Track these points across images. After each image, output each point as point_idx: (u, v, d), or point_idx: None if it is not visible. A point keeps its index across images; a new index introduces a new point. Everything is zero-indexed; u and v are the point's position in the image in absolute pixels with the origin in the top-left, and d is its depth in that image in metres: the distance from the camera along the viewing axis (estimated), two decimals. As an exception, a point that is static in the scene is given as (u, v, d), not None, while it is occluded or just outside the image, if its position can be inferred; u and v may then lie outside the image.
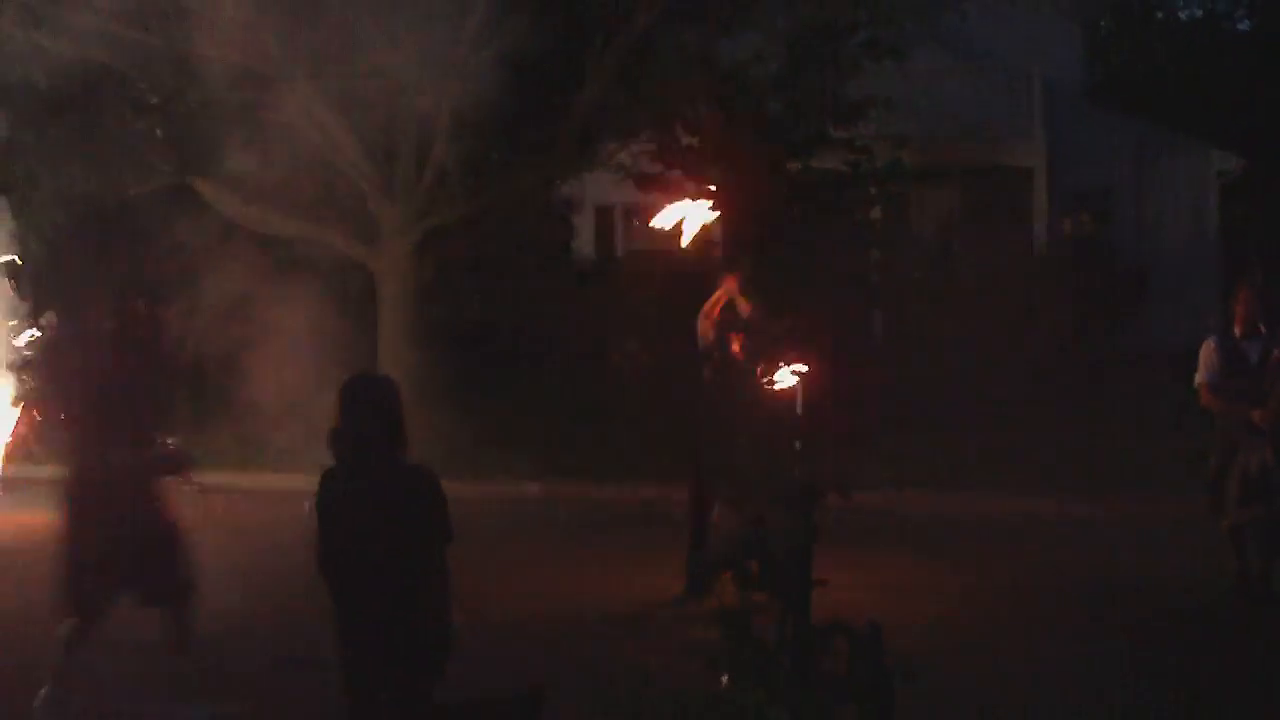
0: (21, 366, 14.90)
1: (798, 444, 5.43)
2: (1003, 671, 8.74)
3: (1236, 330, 10.59)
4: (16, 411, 14.78)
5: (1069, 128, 24.15)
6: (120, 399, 8.11)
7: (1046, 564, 11.96)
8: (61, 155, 16.86)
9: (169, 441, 8.65)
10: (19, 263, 17.09)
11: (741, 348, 10.29)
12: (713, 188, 14.43)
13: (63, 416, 9.07)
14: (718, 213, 9.15)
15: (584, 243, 23.98)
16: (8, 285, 18.28)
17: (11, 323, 15.88)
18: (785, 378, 7.70)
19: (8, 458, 14.94)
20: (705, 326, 10.68)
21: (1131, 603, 10.48)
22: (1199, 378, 10.63)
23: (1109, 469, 14.84)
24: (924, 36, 18.63)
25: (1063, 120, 24.12)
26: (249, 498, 15.65)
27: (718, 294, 10.78)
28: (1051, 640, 9.49)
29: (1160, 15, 35.85)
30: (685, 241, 9.67)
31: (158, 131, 16.93)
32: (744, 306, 10.63)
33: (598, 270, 22.49)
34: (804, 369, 5.91)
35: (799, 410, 5.58)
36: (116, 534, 7.81)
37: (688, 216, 9.29)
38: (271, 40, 15.89)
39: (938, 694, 7.51)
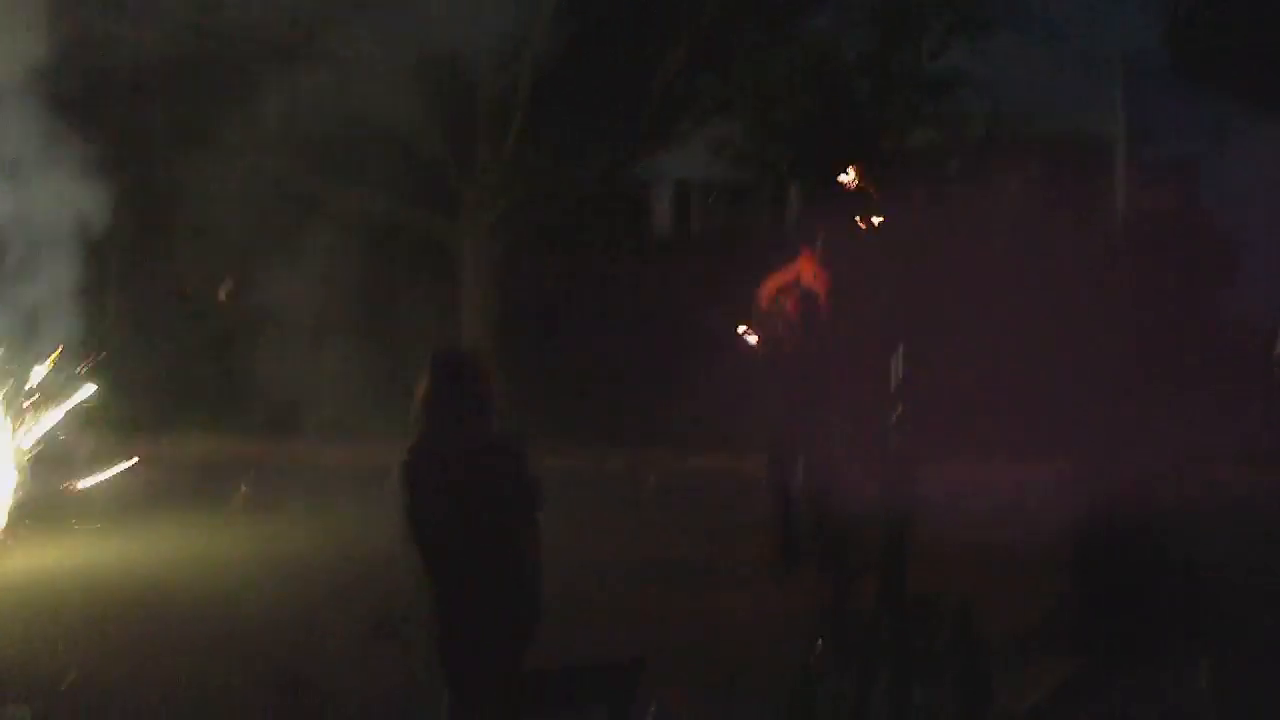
0: None
1: (895, 415, 5.42)
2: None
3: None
4: None
5: (1150, 101, 23.86)
6: None
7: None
8: (146, 144, 17.07)
9: None
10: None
11: (799, 312, 10.34)
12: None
13: None
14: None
15: (662, 219, 24.00)
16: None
17: None
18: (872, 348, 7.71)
19: None
20: (766, 304, 10.74)
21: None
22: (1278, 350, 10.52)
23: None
24: (1004, 11, 18.49)
25: (1144, 94, 23.84)
26: (339, 471, 15.83)
27: (787, 271, 10.81)
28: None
29: (1244, -14, 35.27)
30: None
31: (239, 113, 17.06)
32: (816, 283, 10.61)
33: (677, 245, 22.51)
34: (896, 339, 5.94)
35: (896, 380, 5.58)
36: None
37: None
38: (351, 18, 16.01)
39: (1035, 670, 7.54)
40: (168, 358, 18.88)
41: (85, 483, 13.25)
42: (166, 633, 9.52)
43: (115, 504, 13.89)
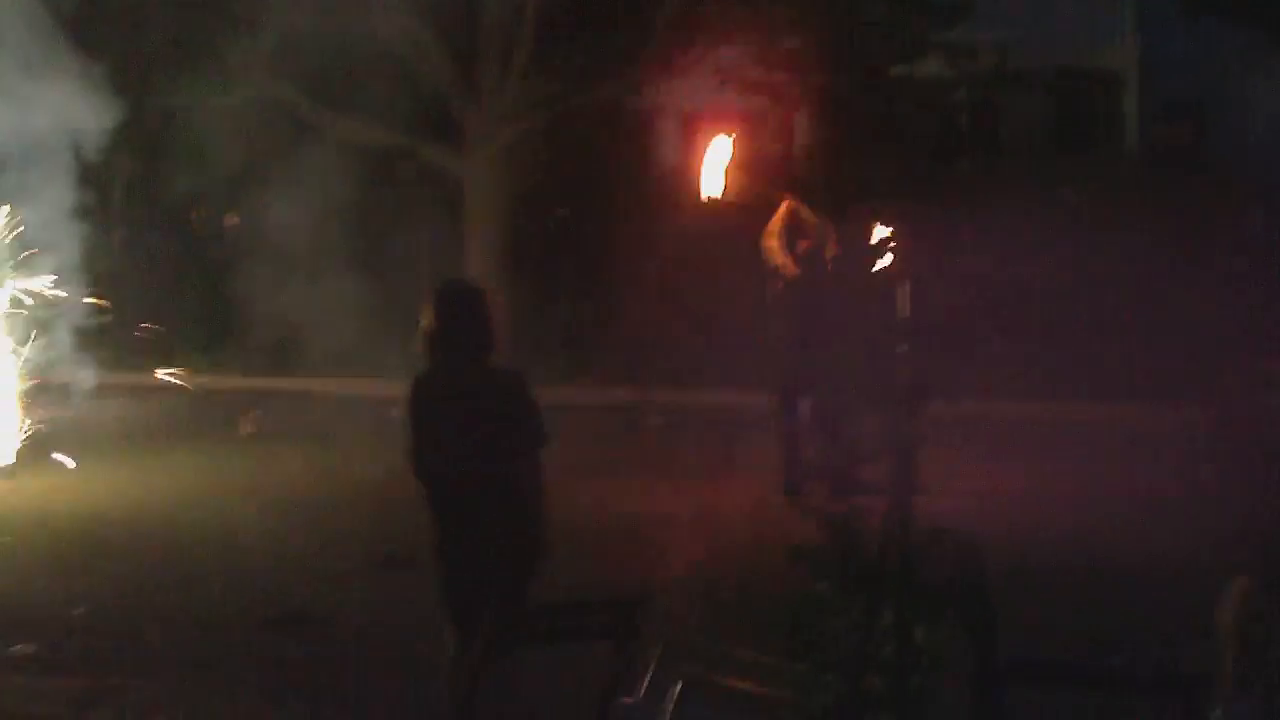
0: None
1: (903, 347, 5.34)
2: (1105, 579, 8.69)
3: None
4: None
5: (1164, 34, 23.60)
6: None
7: (1146, 471, 11.77)
8: (152, 67, 16.92)
9: None
10: None
11: (806, 251, 10.35)
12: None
13: None
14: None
15: (670, 150, 23.81)
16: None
17: None
18: (884, 280, 7.67)
19: None
20: (771, 245, 10.73)
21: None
22: None
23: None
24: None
25: (1157, 27, 23.58)
26: (340, 403, 15.81)
27: (780, 211, 10.79)
28: (1158, 550, 9.40)
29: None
30: (706, 192, 9.78)
31: (246, 41, 16.92)
32: (808, 216, 10.63)
33: (683, 176, 22.34)
34: (903, 270, 5.84)
35: (904, 313, 5.50)
36: None
37: (708, 161, 9.42)
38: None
39: (1039, 602, 7.52)
40: (167, 287, 18.81)
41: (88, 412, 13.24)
42: (171, 567, 9.51)
43: (119, 436, 13.90)
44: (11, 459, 12.43)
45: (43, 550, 10.06)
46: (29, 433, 12.65)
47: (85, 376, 13.26)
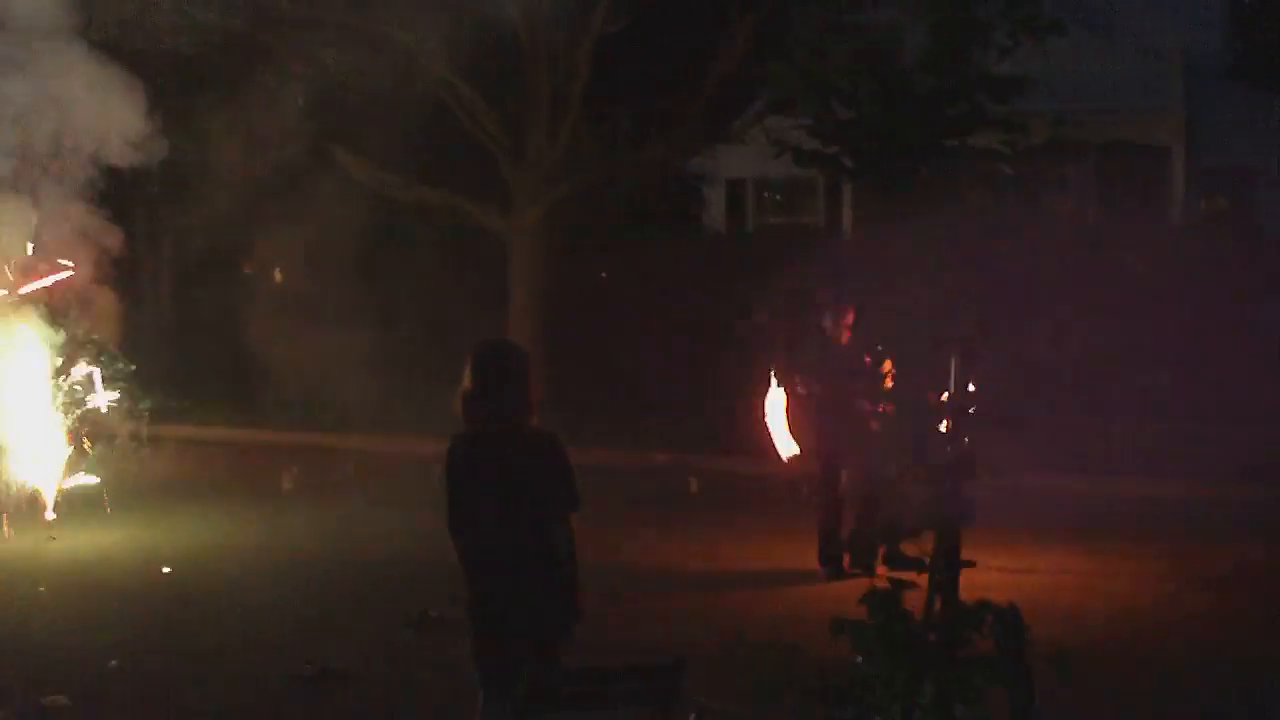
0: None
1: (947, 423, 5.28)
2: (1157, 659, 8.58)
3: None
4: None
5: (1209, 105, 23.54)
6: None
7: (1197, 550, 11.65)
8: (206, 123, 17.08)
9: None
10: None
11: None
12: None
13: None
14: None
15: (715, 216, 23.88)
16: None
17: None
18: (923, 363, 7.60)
19: None
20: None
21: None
22: None
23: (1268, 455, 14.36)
24: (1066, 10, 18.25)
25: (1202, 97, 23.52)
26: (383, 459, 15.83)
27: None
28: (1207, 629, 9.28)
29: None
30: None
31: (299, 100, 17.09)
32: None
33: (728, 243, 22.39)
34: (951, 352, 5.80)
35: (950, 390, 5.44)
36: None
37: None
38: (411, 10, 16.01)
39: (1084, 678, 7.39)
40: (211, 341, 18.94)
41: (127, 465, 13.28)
42: (207, 621, 9.51)
43: (158, 489, 13.95)
44: (52, 512, 12.47)
45: (78, 601, 10.08)
46: (69, 485, 12.69)
47: (127, 429, 13.31)
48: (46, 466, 12.57)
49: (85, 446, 12.80)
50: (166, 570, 10.79)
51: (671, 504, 13.75)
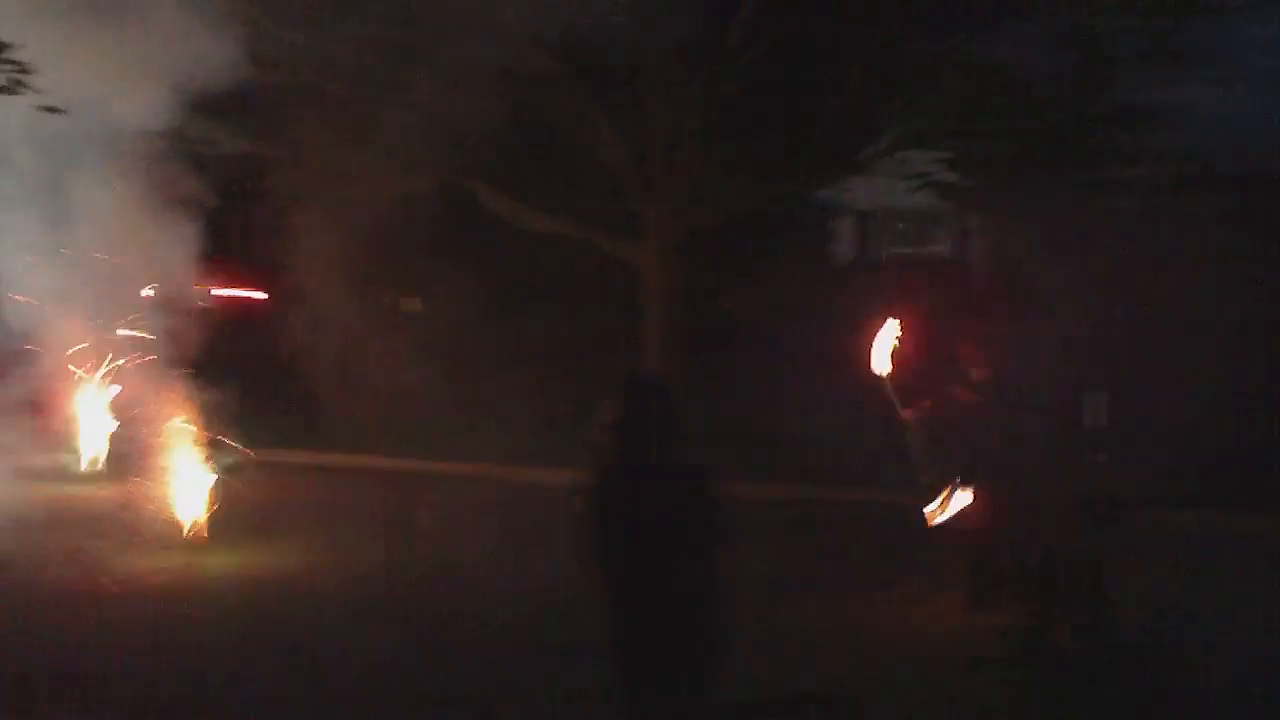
0: None
1: (1100, 458, 5.28)
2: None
3: None
4: None
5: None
6: None
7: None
8: (333, 157, 17.36)
9: None
10: None
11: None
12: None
13: None
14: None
15: (844, 247, 23.79)
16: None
17: None
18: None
19: None
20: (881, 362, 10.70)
21: None
22: None
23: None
24: (1204, 41, 17.92)
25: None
26: (513, 490, 15.97)
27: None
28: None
29: None
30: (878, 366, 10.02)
31: (429, 132, 17.30)
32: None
33: (857, 274, 22.29)
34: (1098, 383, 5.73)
35: (1101, 423, 5.44)
36: None
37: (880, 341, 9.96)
38: (542, 44, 16.19)
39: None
40: (349, 369, 19.20)
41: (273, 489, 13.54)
42: (343, 643, 9.65)
43: (301, 512, 14.24)
44: (197, 535, 12.75)
45: (219, 622, 10.31)
46: (214, 508, 12.97)
47: (253, 454, 13.58)
48: (193, 492, 12.87)
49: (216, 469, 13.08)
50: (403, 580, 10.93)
51: (809, 537, 13.72)
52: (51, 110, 10.05)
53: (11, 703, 7.80)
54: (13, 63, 9.36)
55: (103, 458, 16.58)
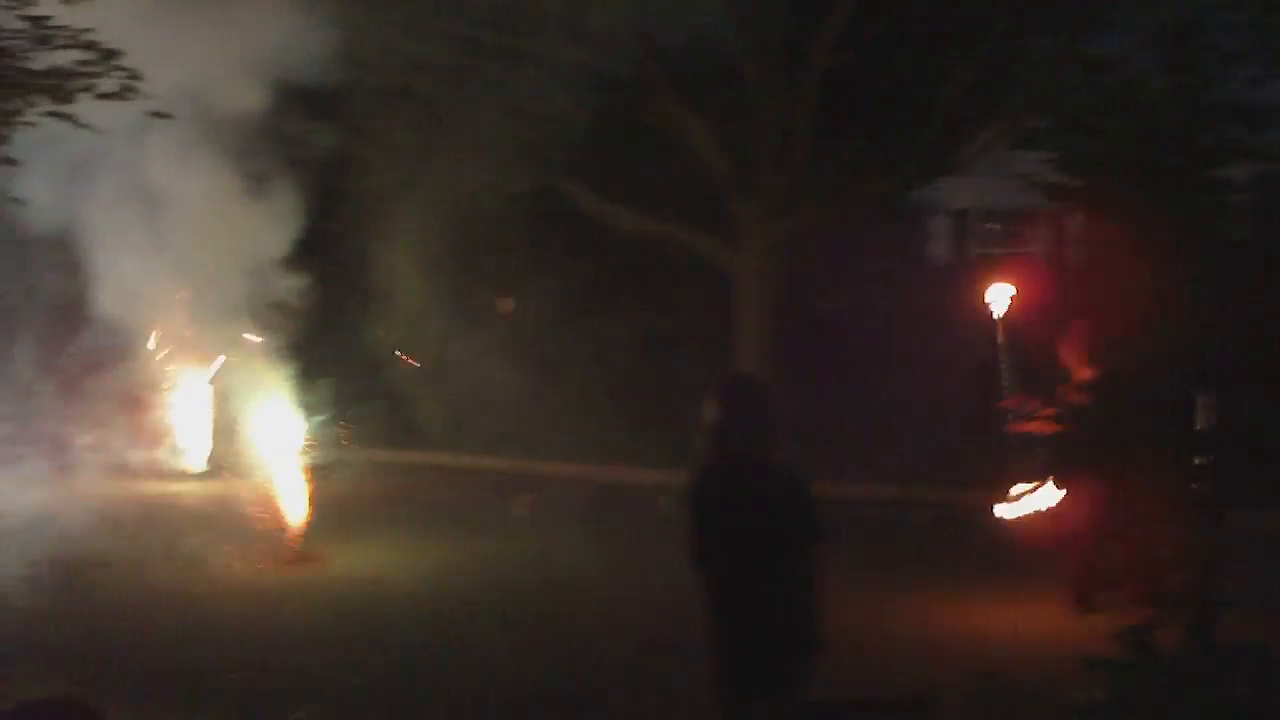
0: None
1: (1201, 459, 5.18)
2: None
3: None
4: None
5: None
6: None
7: None
8: (427, 158, 17.44)
9: None
10: None
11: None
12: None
13: None
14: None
15: (938, 246, 23.69)
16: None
17: None
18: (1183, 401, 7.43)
19: None
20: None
21: None
22: None
23: None
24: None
25: None
26: (604, 490, 15.99)
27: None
28: None
29: None
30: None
31: (523, 133, 17.35)
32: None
33: (950, 274, 22.13)
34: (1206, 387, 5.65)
35: (1210, 424, 5.34)
36: None
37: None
38: (635, 44, 16.19)
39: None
40: (443, 368, 19.30)
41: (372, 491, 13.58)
42: (446, 642, 9.70)
43: (389, 512, 14.33)
44: (301, 531, 12.88)
45: (330, 621, 10.39)
46: (314, 507, 13.08)
47: (349, 455, 13.68)
48: (293, 490, 13.00)
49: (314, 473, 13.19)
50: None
51: (907, 538, 13.61)
52: (161, 116, 10.16)
53: (115, 699, 7.89)
54: (123, 69, 9.48)
55: (204, 456, 16.77)
